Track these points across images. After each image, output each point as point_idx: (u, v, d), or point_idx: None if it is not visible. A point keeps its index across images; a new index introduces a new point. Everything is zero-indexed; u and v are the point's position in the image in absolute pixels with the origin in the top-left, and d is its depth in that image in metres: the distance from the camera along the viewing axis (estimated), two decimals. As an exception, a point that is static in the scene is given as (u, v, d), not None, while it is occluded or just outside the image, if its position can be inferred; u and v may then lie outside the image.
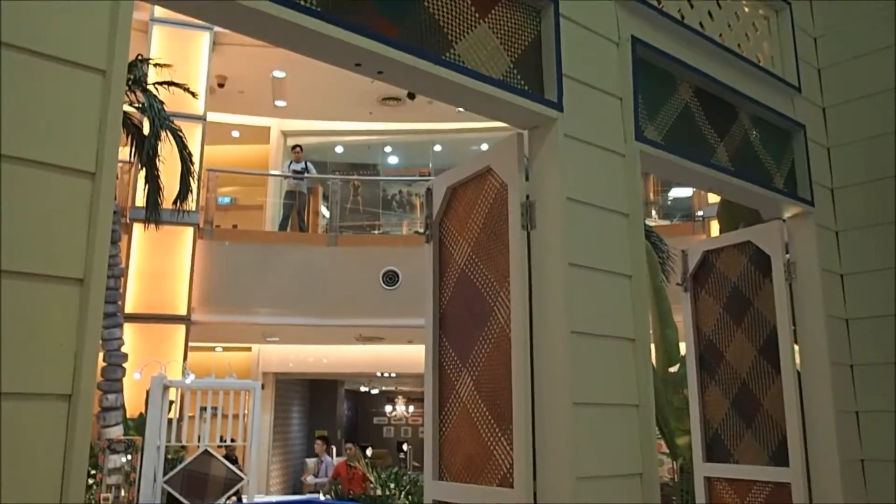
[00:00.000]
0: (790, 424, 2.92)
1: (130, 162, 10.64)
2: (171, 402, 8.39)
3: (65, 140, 1.30)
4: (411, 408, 22.33)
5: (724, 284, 3.29)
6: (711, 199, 12.61)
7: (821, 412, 2.93)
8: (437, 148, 16.96)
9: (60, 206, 1.28)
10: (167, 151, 9.67)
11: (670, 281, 7.61)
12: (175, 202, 9.89)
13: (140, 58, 9.45)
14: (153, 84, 9.51)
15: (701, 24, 2.71)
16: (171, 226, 10.89)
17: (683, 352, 5.15)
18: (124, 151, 9.54)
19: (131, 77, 9.11)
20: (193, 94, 10.05)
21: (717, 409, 3.25)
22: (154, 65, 9.80)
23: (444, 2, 1.96)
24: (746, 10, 2.97)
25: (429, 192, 2.54)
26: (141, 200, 10.48)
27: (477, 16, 2.04)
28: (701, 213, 13.46)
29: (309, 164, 13.62)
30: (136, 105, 9.34)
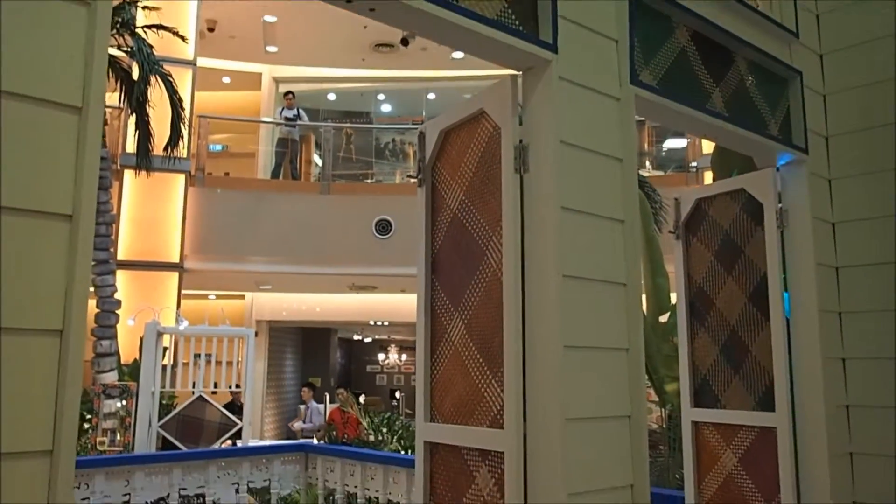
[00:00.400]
0: (777, 370, 2.96)
1: (120, 107, 10.50)
2: (165, 349, 8.44)
3: (50, 74, 1.28)
4: (404, 356, 22.56)
5: (716, 232, 3.30)
6: (705, 150, 12.57)
7: (808, 359, 2.97)
8: (431, 96, 16.79)
9: (47, 142, 1.26)
10: (157, 97, 9.54)
11: (662, 231, 7.63)
12: (166, 148, 9.80)
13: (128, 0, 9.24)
14: (142, 27, 9.33)
15: (700, -35, 2.66)
16: (162, 173, 10.80)
17: (674, 301, 5.20)
18: (113, 97, 9.42)
19: (119, 20, 8.94)
20: (183, 39, 9.87)
21: (705, 355, 3.29)
22: (142, 7, 9.59)
23: (437, -62, 1.91)
24: (746, -48, 2.92)
25: (421, 135, 2.51)
26: (131, 146, 10.39)
27: (471, -47, 2.00)
28: (695, 164, 13.43)
29: (301, 111, 13.47)
30: (125, 49, 9.18)
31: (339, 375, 20.60)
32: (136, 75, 9.17)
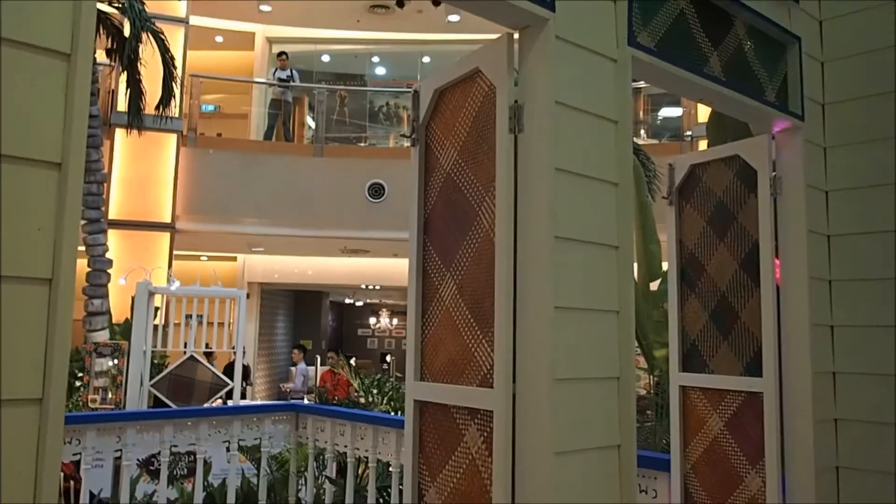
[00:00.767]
0: (766, 336, 2.98)
1: (111, 65, 10.37)
2: (157, 309, 8.45)
3: (38, 18, 1.25)
4: (395, 320, 22.65)
5: (709, 198, 3.30)
6: (701, 119, 12.53)
7: (796, 325, 2.99)
8: (426, 60, 16.63)
9: (35, 88, 1.24)
10: (149, 55, 9.42)
11: (655, 199, 7.63)
12: (157, 107, 9.71)
13: (118, -46, 9.07)
14: (133, -18, 9.18)
15: (701, -74, 2.62)
16: (153, 132, 10.72)
17: (665, 268, 5.21)
18: (104, 55, 9.30)
19: (110, -26, 8.78)
20: (175, -5, 9.72)
21: (695, 320, 3.31)
22: (133, -38, 9.42)
23: None
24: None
25: (415, 94, 2.49)
26: (123, 105, 10.28)
27: None
28: (689, 132, 13.39)
29: (294, 72, 13.32)
30: (116, 5, 9.04)
31: (331, 339, 20.69)
32: (127, 32, 9.04)
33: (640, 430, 5.51)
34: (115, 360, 8.41)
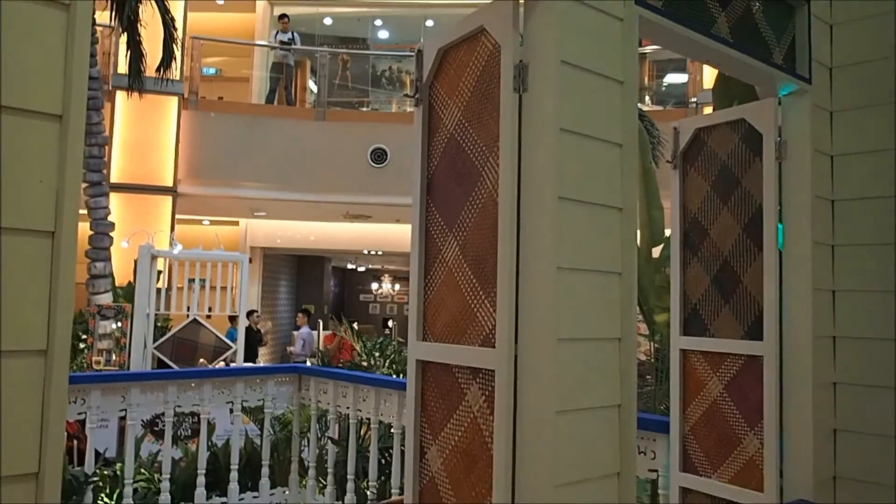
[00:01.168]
0: (767, 300, 2.98)
1: (111, 26, 10.26)
2: (160, 273, 8.48)
3: (36, -32, 1.24)
4: (397, 286, 22.72)
5: (713, 162, 3.28)
6: (706, 85, 12.42)
7: (798, 290, 2.98)
8: (429, 23, 16.45)
9: (35, 39, 1.23)
10: (149, 16, 9.32)
11: (659, 166, 7.59)
12: (158, 70, 9.64)
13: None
14: (132, -59, 9.05)
15: None
16: (154, 95, 10.66)
17: (668, 234, 5.20)
18: (104, 16, 9.19)
19: (109, -68, 8.67)
20: (175, -45, 9.60)
21: (697, 285, 3.31)
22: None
23: None
24: None
25: (419, 54, 2.47)
26: (123, 67, 10.20)
27: None
28: (695, 99, 13.29)
29: (296, 34, 13.19)
30: (115, -36, 8.92)
31: (333, 304, 20.78)
32: (127, -8, 8.94)
33: (640, 394, 5.54)
34: (119, 323, 8.46)
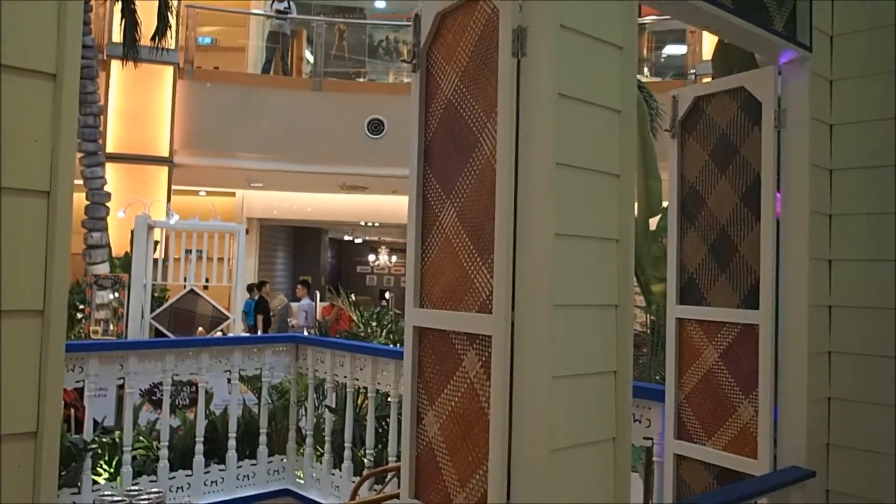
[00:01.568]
0: (764, 269, 2.99)
1: (105, -7, 10.14)
2: (156, 243, 8.47)
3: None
4: (394, 258, 22.74)
5: (712, 131, 3.27)
6: (705, 56, 12.34)
7: (795, 259, 2.99)
8: (427, -8, 16.22)
9: (27, -4, 1.21)
10: (143, -17, 9.21)
11: (657, 137, 7.56)
12: (153, 38, 9.54)
13: None
14: None
15: None
16: (149, 64, 10.57)
17: (665, 204, 5.20)
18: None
19: None
20: (169, -79, 9.46)
21: (694, 254, 3.31)
22: None
23: None
24: None
25: (417, 18, 2.44)
26: (118, 36, 10.10)
27: None
28: (693, 70, 13.21)
29: (292, 3, 13.05)
30: (108, -71, 8.79)
31: (330, 275, 20.80)
32: (120, -42, 8.82)
33: (635, 365, 5.58)
34: (116, 293, 8.47)
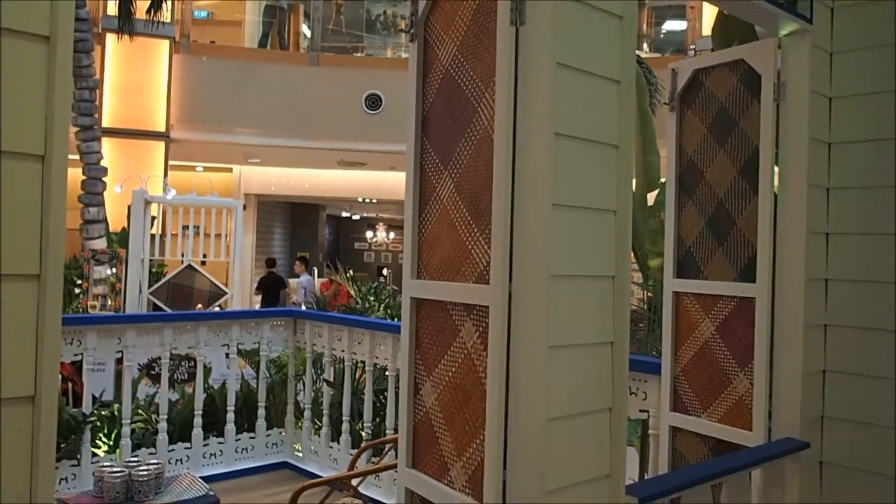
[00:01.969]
0: (761, 242, 2.99)
1: (99, -35, 10.03)
2: (154, 219, 8.45)
3: None
4: (392, 234, 22.74)
5: (711, 104, 3.25)
6: (705, 32, 12.26)
7: (792, 232, 2.99)
8: (425, -34, 16.06)
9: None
10: (138, -45, 9.11)
11: (656, 114, 7.53)
12: (149, 11, 9.45)
13: None
14: None
15: None
16: (145, 38, 10.48)
17: (663, 179, 5.18)
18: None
19: None
20: None
21: (691, 227, 3.31)
22: None
23: None
24: None
25: (415, -13, 2.41)
26: (113, 9, 10.00)
27: None
28: (693, 46, 13.12)
29: (289, -24, 12.91)
30: None
31: (328, 252, 20.80)
32: (114, -70, 8.72)
33: (632, 340, 5.60)
34: (114, 269, 8.47)
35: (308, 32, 13.40)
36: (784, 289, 2.99)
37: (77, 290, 8.47)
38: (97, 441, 4.94)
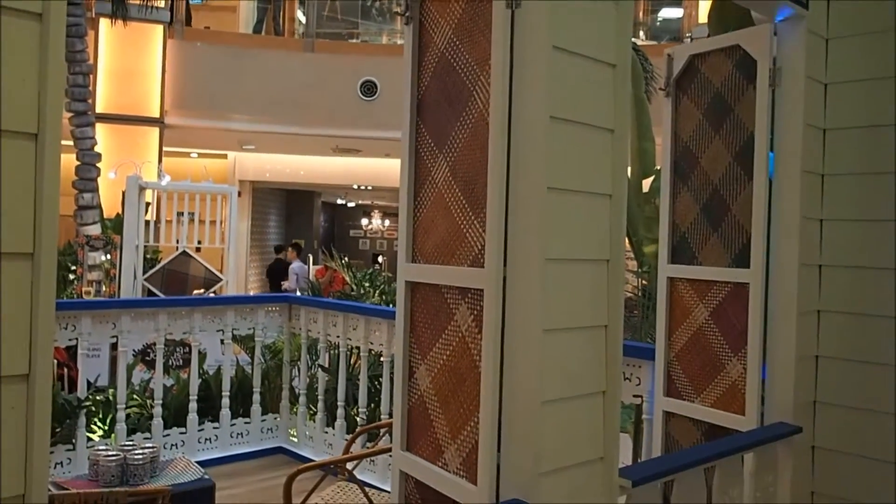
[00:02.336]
0: (755, 228, 3.00)
1: (92, -51, 9.96)
2: (148, 205, 8.42)
3: None
4: (387, 221, 22.72)
5: (707, 90, 3.25)
6: (701, 20, 12.23)
7: (787, 218, 3.00)
8: (421, -48, 15.97)
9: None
10: (131, -61, 9.04)
11: (652, 101, 7.52)
12: (142, -4, 9.39)
13: None
14: None
15: None
16: (139, 23, 10.41)
17: (658, 166, 5.19)
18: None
19: None
20: None
21: (686, 213, 3.32)
22: None
23: None
24: None
25: (410, -30, 2.40)
26: (106, -7, 9.93)
27: None
28: (689, 34, 13.10)
29: (284, -39, 12.83)
30: None
31: (323, 239, 20.78)
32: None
33: (626, 326, 5.62)
34: (108, 255, 8.45)
35: (303, 18, 13.33)
36: (778, 274, 3.00)
37: (72, 276, 8.46)
38: (92, 426, 4.95)
